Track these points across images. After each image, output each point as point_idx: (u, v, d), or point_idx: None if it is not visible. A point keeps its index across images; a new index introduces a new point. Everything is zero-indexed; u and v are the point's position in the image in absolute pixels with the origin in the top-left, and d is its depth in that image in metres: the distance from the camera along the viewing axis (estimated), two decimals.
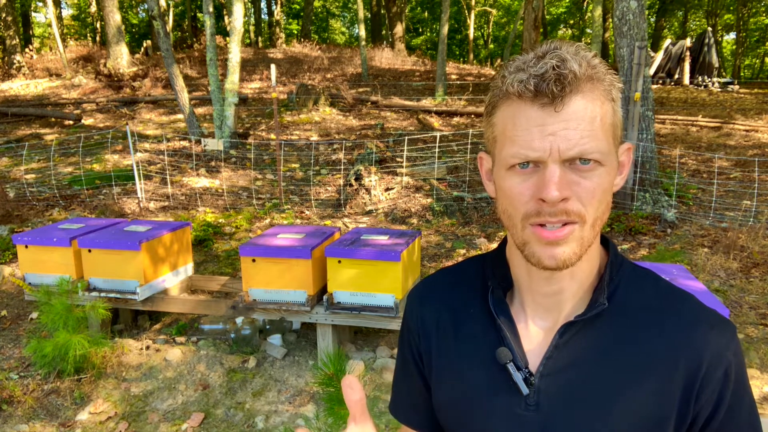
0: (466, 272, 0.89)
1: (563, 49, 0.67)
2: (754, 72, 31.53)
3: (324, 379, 1.67)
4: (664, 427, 0.73)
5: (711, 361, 0.72)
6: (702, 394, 0.72)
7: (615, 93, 0.71)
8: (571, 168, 0.68)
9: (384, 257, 3.26)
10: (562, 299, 0.77)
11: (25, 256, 3.85)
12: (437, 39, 14.78)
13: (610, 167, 0.70)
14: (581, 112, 0.67)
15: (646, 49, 6.06)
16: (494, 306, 0.81)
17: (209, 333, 3.99)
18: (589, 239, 0.71)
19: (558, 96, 0.66)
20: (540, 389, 0.75)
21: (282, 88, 13.92)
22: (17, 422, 3.08)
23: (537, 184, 0.68)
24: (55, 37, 17.06)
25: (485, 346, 0.80)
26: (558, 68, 0.66)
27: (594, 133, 0.67)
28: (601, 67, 0.69)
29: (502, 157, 0.71)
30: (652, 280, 0.80)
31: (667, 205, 6.15)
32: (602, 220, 0.71)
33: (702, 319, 0.75)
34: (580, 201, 0.68)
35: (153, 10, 9.51)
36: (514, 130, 0.69)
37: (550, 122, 0.66)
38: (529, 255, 0.72)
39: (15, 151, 9.41)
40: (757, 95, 13.91)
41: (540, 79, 0.66)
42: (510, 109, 0.70)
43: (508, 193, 0.71)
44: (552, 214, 0.68)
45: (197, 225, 6.05)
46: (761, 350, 3.58)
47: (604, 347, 0.75)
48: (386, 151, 8.10)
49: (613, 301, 0.76)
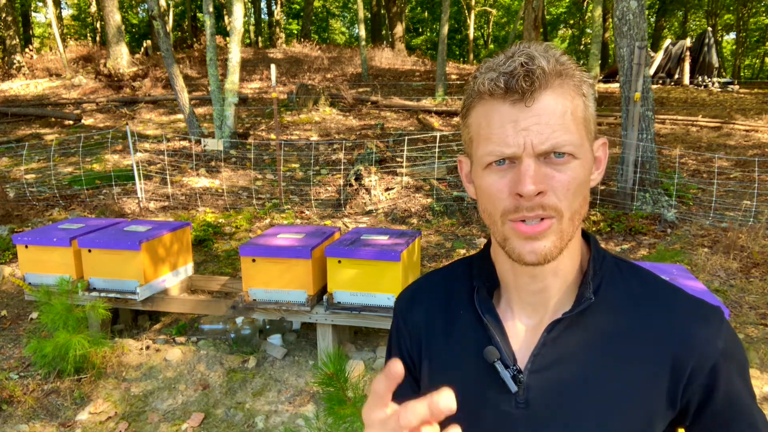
0: (454, 274, 0.90)
1: (532, 48, 0.69)
2: (754, 72, 31.53)
3: (324, 379, 1.67)
4: (654, 419, 0.73)
5: (700, 353, 0.72)
6: (690, 386, 0.72)
7: (585, 88, 0.72)
8: (546, 162, 0.69)
9: (384, 257, 3.26)
10: (547, 296, 0.78)
11: (25, 256, 3.85)
12: (437, 39, 14.78)
13: (584, 160, 0.71)
14: (552, 106, 0.68)
15: (646, 49, 6.06)
16: (480, 305, 0.81)
17: (209, 333, 3.99)
18: (569, 233, 0.72)
19: (528, 91, 0.67)
20: (529, 386, 0.76)
21: (282, 88, 13.92)
22: (17, 422, 3.08)
23: (513, 180, 0.69)
24: (55, 37, 17.06)
25: (474, 345, 0.80)
26: (526, 65, 0.67)
27: (566, 126, 0.69)
28: (570, 64, 0.71)
29: (478, 156, 0.73)
30: (635, 273, 0.80)
31: (667, 205, 6.15)
32: (580, 214, 0.72)
33: (688, 311, 0.75)
34: (555, 195, 0.69)
35: (153, 10, 9.51)
36: (488, 129, 0.70)
37: (522, 117, 0.68)
38: (510, 251, 0.73)
39: (15, 151, 9.41)
40: (757, 95, 13.90)
41: (509, 76, 0.67)
42: (483, 109, 0.71)
43: (486, 191, 0.72)
44: (529, 208, 0.69)
45: (197, 225, 6.05)
46: (761, 350, 3.58)
47: (591, 342, 0.75)
48: (386, 151, 8.10)
49: (598, 296, 0.77)
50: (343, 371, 1.68)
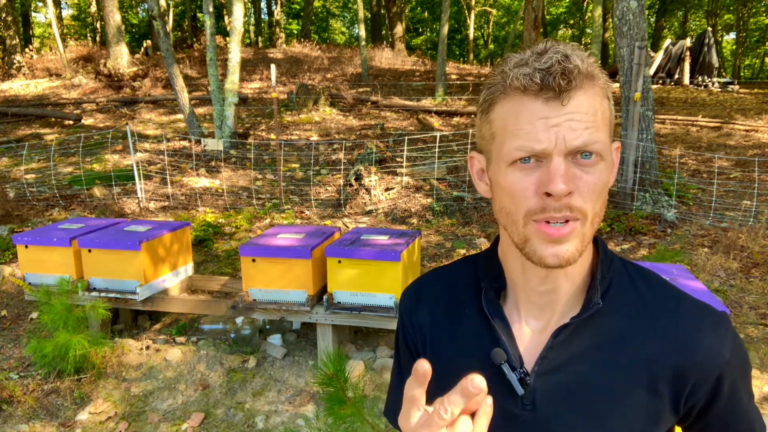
0: (458, 272, 0.89)
1: (562, 47, 0.68)
2: (754, 72, 31.53)
3: (324, 379, 1.67)
4: (658, 423, 0.74)
5: (704, 363, 0.72)
6: (694, 394, 0.73)
7: (609, 92, 0.72)
8: (574, 162, 0.68)
9: (384, 257, 3.26)
10: (556, 298, 0.78)
11: (25, 256, 3.85)
12: (437, 39, 14.78)
13: (608, 162, 0.71)
14: (584, 105, 0.68)
15: (646, 49, 6.06)
16: (488, 306, 0.81)
17: (209, 333, 3.99)
18: (589, 237, 0.71)
19: (564, 90, 0.66)
20: (536, 389, 0.76)
21: (282, 88, 13.92)
22: (17, 422, 3.08)
23: (541, 179, 0.68)
24: (55, 37, 17.06)
25: (480, 346, 0.80)
26: (563, 62, 0.66)
27: (596, 125, 0.68)
28: (596, 66, 0.71)
29: (503, 153, 0.71)
30: (643, 277, 0.80)
31: (667, 205, 6.15)
32: (599, 217, 0.71)
33: (694, 317, 0.75)
34: (581, 196, 0.68)
35: (153, 10, 9.51)
36: (516, 124, 0.69)
37: (554, 115, 0.67)
38: (531, 253, 0.71)
39: (15, 151, 9.41)
40: (757, 95, 13.90)
41: (546, 72, 0.66)
42: (511, 104, 0.70)
43: (509, 189, 0.70)
44: (556, 209, 0.67)
45: (197, 225, 6.05)
46: (761, 350, 3.58)
47: (598, 346, 0.75)
48: (386, 151, 8.10)
49: (606, 300, 0.76)
50: (343, 371, 1.68)
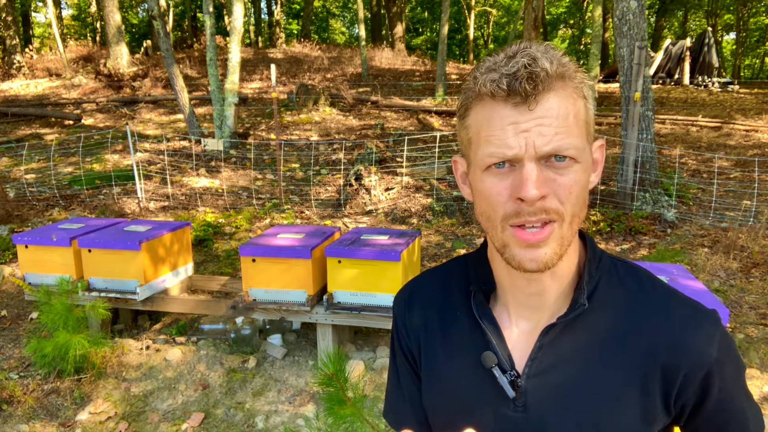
0: (450, 273, 0.89)
1: (533, 49, 0.67)
2: (754, 72, 31.52)
3: (324, 379, 1.67)
4: (650, 423, 0.74)
5: (692, 361, 0.72)
6: (683, 393, 0.73)
7: (586, 90, 0.71)
8: (547, 165, 0.68)
9: (384, 257, 3.26)
10: (544, 299, 0.77)
11: (25, 256, 3.85)
12: (437, 39, 14.78)
13: (585, 164, 0.70)
14: (554, 109, 0.67)
15: (646, 49, 6.06)
16: (477, 309, 0.81)
17: (209, 333, 3.99)
18: (569, 238, 0.71)
19: (531, 94, 0.66)
20: (527, 390, 0.76)
21: (282, 88, 13.92)
22: (17, 422, 3.08)
23: (514, 184, 0.68)
24: (55, 37, 17.05)
25: (471, 349, 0.80)
26: (530, 66, 0.65)
27: (568, 129, 0.67)
28: (571, 65, 0.69)
29: (478, 158, 0.71)
30: (632, 275, 0.79)
31: (667, 205, 6.15)
32: (580, 217, 0.71)
33: (683, 316, 0.75)
34: (557, 198, 0.68)
35: (153, 10, 9.50)
36: (489, 130, 0.69)
37: (523, 120, 0.66)
38: (510, 258, 0.71)
39: (15, 151, 9.41)
40: (757, 95, 13.90)
41: (512, 78, 0.66)
42: (484, 110, 0.69)
43: (485, 194, 0.71)
44: (531, 213, 0.67)
45: (197, 225, 6.05)
46: (761, 350, 3.58)
47: (587, 346, 0.75)
48: (386, 151, 8.10)
49: (594, 299, 0.76)
50: (343, 371, 1.68)
